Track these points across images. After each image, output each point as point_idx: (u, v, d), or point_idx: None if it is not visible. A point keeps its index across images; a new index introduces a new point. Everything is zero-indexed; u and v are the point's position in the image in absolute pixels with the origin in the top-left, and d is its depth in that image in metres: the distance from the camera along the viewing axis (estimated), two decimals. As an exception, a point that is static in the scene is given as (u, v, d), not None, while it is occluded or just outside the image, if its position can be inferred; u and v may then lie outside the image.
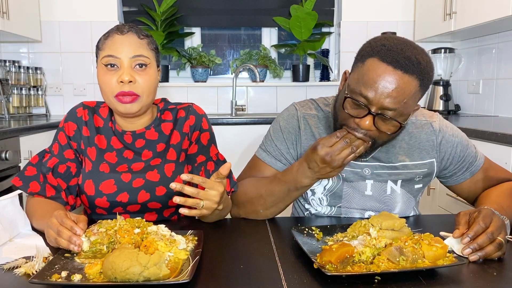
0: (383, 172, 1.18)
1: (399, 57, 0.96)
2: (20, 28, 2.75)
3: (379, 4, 3.28)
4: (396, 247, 0.81)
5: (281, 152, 1.22)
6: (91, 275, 0.76)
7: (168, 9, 3.15)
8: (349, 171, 1.18)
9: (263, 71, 3.33)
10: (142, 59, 1.12)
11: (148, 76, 1.13)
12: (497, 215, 0.93)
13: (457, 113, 3.07)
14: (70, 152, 1.21)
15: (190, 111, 1.25)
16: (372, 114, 0.98)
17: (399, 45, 0.98)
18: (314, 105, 1.24)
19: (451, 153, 1.19)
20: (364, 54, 1.02)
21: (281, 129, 1.23)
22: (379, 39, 1.03)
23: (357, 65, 1.03)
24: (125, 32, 1.13)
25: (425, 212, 2.20)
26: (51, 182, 1.17)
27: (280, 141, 1.22)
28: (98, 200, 1.17)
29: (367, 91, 0.98)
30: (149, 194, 1.17)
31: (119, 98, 1.12)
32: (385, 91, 0.96)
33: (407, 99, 0.97)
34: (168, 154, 1.21)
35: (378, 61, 0.98)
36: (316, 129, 1.21)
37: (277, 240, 0.99)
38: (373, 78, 0.97)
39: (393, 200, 1.20)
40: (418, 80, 0.97)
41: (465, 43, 3.11)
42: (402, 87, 0.96)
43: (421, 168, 1.18)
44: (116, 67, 1.11)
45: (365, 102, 0.99)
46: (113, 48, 1.11)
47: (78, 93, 3.23)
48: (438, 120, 1.21)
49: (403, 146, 1.18)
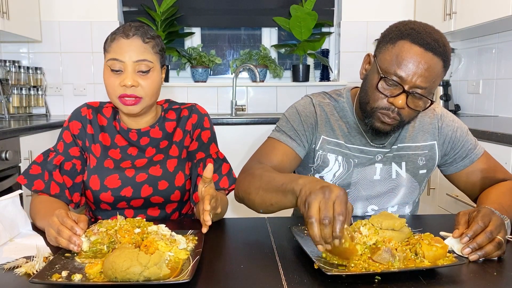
0: (389, 155, 1.23)
1: (429, 39, 1.04)
2: (20, 28, 2.75)
3: (379, 4, 3.28)
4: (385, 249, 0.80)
5: (297, 133, 1.21)
6: (91, 275, 0.76)
7: (168, 9, 3.15)
8: (362, 157, 1.22)
9: (263, 71, 3.33)
10: (145, 64, 1.16)
11: (151, 80, 1.17)
12: (497, 214, 0.93)
13: (457, 113, 3.07)
14: (75, 150, 1.24)
15: (193, 110, 1.30)
16: (406, 92, 1.05)
17: (426, 28, 1.06)
18: (327, 96, 1.29)
19: (451, 137, 1.25)
20: (393, 37, 1.08)
21: (299, 113, 1.24)
22: (406, 23, 1.09)
23: (386, 47, 1.09)
24: (131, 36, 1.15)
25: (425, 212, 2.21)
26: (57, 179, 1.19)
27: (297, 122, 1.22)
28: (103, 195, 1.19)
29: (401, 71, 1.04)
30: (152, 188, 1.20)
31: (122, 100, 1.16)
32: (418, 71, 1.03)
33: (435, 78, 1.05)
34: (171, 151, 1.25)
35: (410, 43, 1.04)
36: (332, 116, 1.24)
37: (277, 240, 1.00)
38: (407, 58, 1.04)
39: (398, 184, 1.24)
40: (443, 62, 1.06)
41: (465, 43, 3.11)
42: (433, 67, 1.04)
43: (423, 149, 1.24)
44: (120, 71, 1.15)
45: (398, 81, 1.05)
46: (118, 51, 1.15)
47: (78, 93, 3.23)
48: (440, 107, 1.29)
49: (408, 129, 1.24)
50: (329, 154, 1.22)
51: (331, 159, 1.22)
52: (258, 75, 3.11)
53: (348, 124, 1.23)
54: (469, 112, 3.05)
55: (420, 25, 1.07)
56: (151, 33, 1.19)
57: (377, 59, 1.11)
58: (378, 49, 1.12)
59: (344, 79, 3.32)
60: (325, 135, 1.22)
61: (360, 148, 1.22)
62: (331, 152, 1.22)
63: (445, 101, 3.04)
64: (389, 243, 0.83)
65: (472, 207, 1.14)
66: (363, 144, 1.22)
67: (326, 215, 0.77)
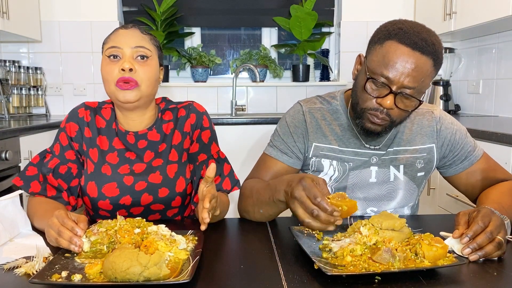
0: (386, 158, 1.22)
1: (416, 39, 1.03)
2: (20, 28, 2.75)
3: (379, 4, 3.28)
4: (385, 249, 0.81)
5: (288, 146, 1.24)
6: (91, 275, 0.76)
7: (168, 9, 3.15)
8: (356, 160, 1.21)
9: (263, 71, 3.33)
10: (143, 51, 1.15)
11: (149, 67, 1.16)
12: (496, 214, 0.93)
13: (457, 113, 3.07)
14: (71, 153, 1.21)
15: (191, 109, 1.26)
16: (393, 93, 1.05)
17: (414, 27, 1.05)
18: (319, 100, 1.29)
19: (450, 140, 1.24)
20: (381, 37, 1.07)
21: (288, 125, 1.26)
22: (394, 22, 1.09)
23: (374, 47, 1.09)
24: (129, 27, 1.18)
25: (425, 212, 2.21)
26: (52, 182, 1.17)
27: (286, 135, 1.25)
28: (101, 203, 1.17)
29: (388, 72, 1.04)
30: (152, 196, 1.18)
31: (119, 85, 1.13)
32: (405, 71, 1.03)
33: (424, 78, 1.04)
34: (170, 155, 1.22)
35: (397, 43, 1.04)
36: (323, 121, 1.24)
37: (277, 240, 0.99)
38: (393, 59, 1.03)
39: (396, 187, 1.24)
40: (433, 60, 1.04)
41: (465, 43, 3.11)
42: (420, 66, 1.03)
43: (421, 152, 1.23)
44: (118, 58, 1.15)
45: (386, 82, 1.05)
46: (116, 40, 1.15)
47: (78, 93, 3.23)
48: (438, 110, 1.28)
49: (406, 131, 1.24)
50: (323, 160, 1.22)
51: (326, 164, 1.22)
52: (258, 75, 3.10)
53: (342, 126, 1.23)
54: (469, 112, 3.05)
55: (409, 25, 1.06)
56: (148, 32, 1.21)
57: (366, 60, 1.11)
58: (368, 49, 1.12)
59: (344, 79, 3.32)
60: (317, 142, 1.23)
61: (354, 150, 1.22)
62: (325, 158, 1.22)
63: (445, 101, 3.04)
64: (389, 243, 0.83)
65: (472, 207, 1.14)
66: (357, 147, 1.22)
67: (311, 209, 0.88)
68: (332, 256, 0.85)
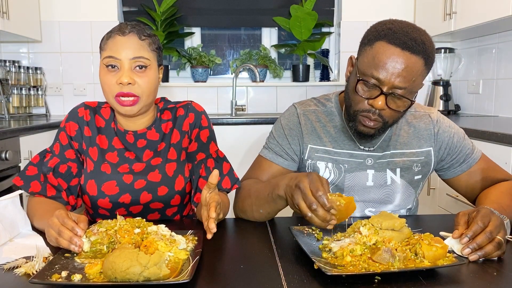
0: (382, 161, 1.21)
1: (406, 39, 1.02)
2: (20, 28, 2.75)
3: (379, 4, 3.28)
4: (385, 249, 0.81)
5: (282, 148, 1.24)
6: (91, 275, 0.76)
7: (168, 9, 3.15)
8: (352, 162, 1.21)
9: (263, 71, 3.33)
10: (142, 61, 1.13)
11: (148, 77, 1.15)
12: (496, 214, 0.93)
13: (457, 113, 3.07)
14: (71, 152, 1.22)
15: (189, 108, 1.27)
16: (384, 94, 1.04)
17: (404, 27, 1.05)
18: (313, 102, 1.29)
19: (448, 143, 1.23)
20: (371, 38, 1.07)
21: (283, 127, 1.27)
22: (384, 23, 1.08)
23: (364, 49, 1.08)
24: (127, 33, 1.13)
25: (425, 212, 2.21)
26: (52, 182, 1.17)
27: (281, 137, 1.25)
28: (101, 201, 1.18)
29: (378, 73, 1.03)
30: (151, 195, 1.18)
31: (118, 100, 1.13)
32: (395, 71, 1.02)
33: (415, 77, 1.04)
34: (169, 154, 1.23)
35: (386, 43, 1.03)
36: (317, 123, 1.24)
37: (277, 240, 0.99)
38: (383, 60, 1.03)
39: (393, 190, 1.23)
40: (424, 59, 1.04)
41: (465, 43, 3.11)
42: (411, 66, 1.02)
43: (418, 156, 1.23)
44: (116, 68, 1.13)
45: (376, 83, 1.05)
46: (114, 49, 1.12)
47: (78, 93, 3.23)
48: (436, 113, 1.27)
49: (402, 134, 1.23)
50: (319, 162, 1.22)
51: (321, 166, 1.22)
52: (258, 75, 3.10)
53: (336, 128, 1.23)
54: (469, 112, 3.05)
55: (398, 25, 1.06)
56: (148, 31, 1.17)
57: (357, 62, 1.10)
58: (358, 51, 1.12)
59: (344, 79, 3.31)
60: (312, 143, 1.23)
61: (349, 152, 1.22)
62: (320, 160, 1.22)
63: (445, 101, 3.04)
64: (389, 243, 0.83)
65: (472, 207, 1.14)
66: (352, 148, 1.22)
67: (311, 202, 0.88)
68: (332, 256, 0.85)
